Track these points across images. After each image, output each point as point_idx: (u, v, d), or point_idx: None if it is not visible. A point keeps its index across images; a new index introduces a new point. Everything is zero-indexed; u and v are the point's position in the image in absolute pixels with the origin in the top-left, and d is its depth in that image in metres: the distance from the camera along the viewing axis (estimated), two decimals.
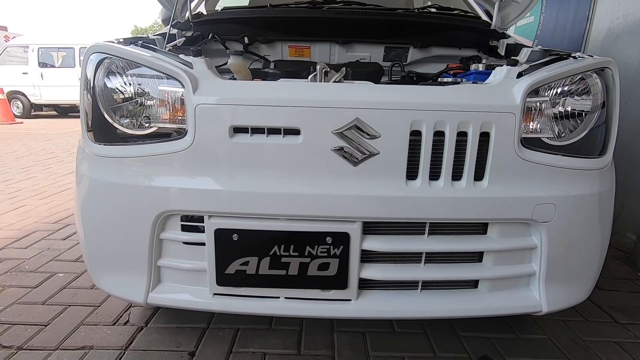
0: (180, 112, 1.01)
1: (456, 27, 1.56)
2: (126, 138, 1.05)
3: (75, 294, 1.56)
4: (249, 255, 1.03)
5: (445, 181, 0.99)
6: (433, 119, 0.95)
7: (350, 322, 1.40)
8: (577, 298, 1.16)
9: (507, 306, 1.10)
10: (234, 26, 1.51)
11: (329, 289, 1.06)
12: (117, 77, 1.04)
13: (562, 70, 1.02)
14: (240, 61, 1.24)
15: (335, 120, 0.95)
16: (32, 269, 1.77)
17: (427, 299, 1.09)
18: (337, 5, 1.61)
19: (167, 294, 1.09)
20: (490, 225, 1.06)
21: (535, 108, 1.02)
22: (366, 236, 1.03)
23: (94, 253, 1.13)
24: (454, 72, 1.34)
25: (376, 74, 1.38)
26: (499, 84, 1.03)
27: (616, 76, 1.05)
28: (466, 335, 1.35)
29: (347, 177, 0.98)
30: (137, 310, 1.46)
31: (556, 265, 1.08)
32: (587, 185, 1.06)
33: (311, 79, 1.07)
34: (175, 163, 1.00)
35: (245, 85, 1.02)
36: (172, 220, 1.05)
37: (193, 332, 1.34)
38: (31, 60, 9.17)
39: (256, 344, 1.29)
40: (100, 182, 1.06)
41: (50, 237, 2.14)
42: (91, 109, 1.05)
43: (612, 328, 1.44)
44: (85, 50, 1.06)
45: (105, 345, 1.27)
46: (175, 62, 1.02)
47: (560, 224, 1.04)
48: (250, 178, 0.98)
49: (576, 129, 1.05)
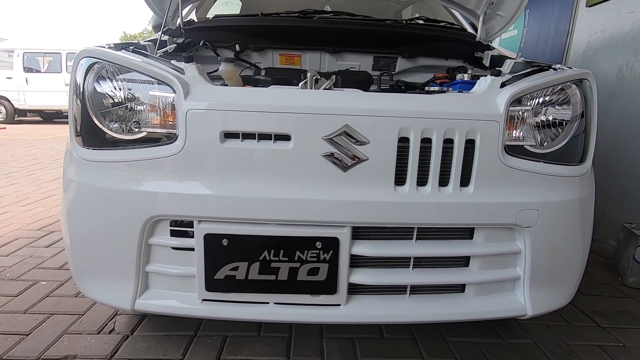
0: (171, 117, 1.01)
1: (443, 39, 1.60)
2: (115, 143, 1.04)
3: (58, 302, 1.53)
4: (238, 260, 1.02)
5: (433, 187, 1.02)
6: (420, 126, 0.98)
7: (339, 328, 1.40)
8: (560, 302, 1.19)
9: (493, 310, 1.12)
10: (226, 34, 1.52)
11: (318, 294, 1.06)
12: (107, 82, 1.04)
13: (543, 81, 1.07)
14: (231, 68, 1.25)
15: (325, 127, 0.96)
16: (14, 276, 1.73)
17: (416, 304, 1.10)
18: (328, 15, 1.65)
19: (154, 300, 1.08)
20: (476, 230, 1.09)
21: (518, 117, 1.06)
22: (355, 241, 1.05)
23: (80, 259, 1.12)
24: (440, 82, 1.38)
25: (365, 82, 1.41)
26: (484, 93, 1.06)
27: (594, 87, 1.10)
28: (454, 341, 1.37)
29: (336, 183, 0.99)
30: (123, 318, 1.43)
31: (540, 270, 1.11)
32: (568, 192, 1.10)
33: (302, 86, 1.09)
34: (166, 168, 1.00)
35: (236, 91, 1.04)
36: (161, 225, 1.04)
37: (180, 339, 1.32)
38: (16, 65, 9.02)
39: (245, 351, 1.28)
40: (88, 186, 1.04)
41: (33, 245, 2.08)
42: (80, 113, 1.04)
43: (594, 332, 1.48)
44: (76, 54, 1.05)
45: (90, 354, 1.24)
46: (166, 67, 1.03)
47: (543, 229, 1.07)
48: (240, 183, 0.99)
49: (557, 138, 1.09)
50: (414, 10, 2.41)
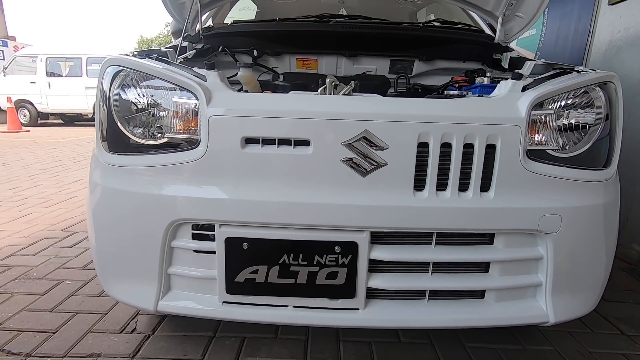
0: (193, 123, 1.04)
1: (460, 41, 1.59)
2: (139, 148, 1.08)
3: (82, 302, 1.58)
4: (258, 263, 1.04)
5: (452, 192, 1.01)
6: (440, 131, 0.97)
7: (356, 332, 1.40)
8: (583, 309, 1.16)
9: (514, 317, 1.11)
10: (244, 39, 1.54)
11: (336, 298, 1.07)
12: (131, 89, 1.07)
13: (566, 84, 1.05)
14: (249, 73, 1.27)
15: (345, 132, 0.97)
16: (40, 276, 1.79)
17: (434, 309, 1.10)
18: (344, 19, 1.65)
19: (176, 301, 1.10)
20: (497, 236, 1.07)
21: (540, 121, 1.04)
22: (374, 246, 1.05)
23: (105, 260, 1.15)
24: (459, 85, 1.37)
25: (383, 86, 1.41)
26: (505, 97, 1.05)
27: (619, 90, 1.07)
28: (472, 346, 1.35)
29: (355, 188, 1.00)
30: (144, 318, 1.47)
31: (562, 276, 1.09)
32: (592, 197, 1.07)
33: (321, 91, 1.10)
34: (188, 172, 1.02)
35: (257, 98, 1.05)
36: (183, 228, 1.06)
37: (200, 340, 1.35)
38: (39, 70, 9.33)
39: (262, 353, 1.29)
40: (114, 190, 1.08)
41: (58, 245, 2.16)
42: (106, 119, 1.08)
43: (618, 340, 1.44)
44: (102, 63, 1.09)
45: (113, 352, 1.28)
46: (189, 74, 1.06)
47: (566, 235, 1.05)
48: (260, 188, 1.00)
49: (580, 141, 1.07)
50: (429, 12, 2.39)
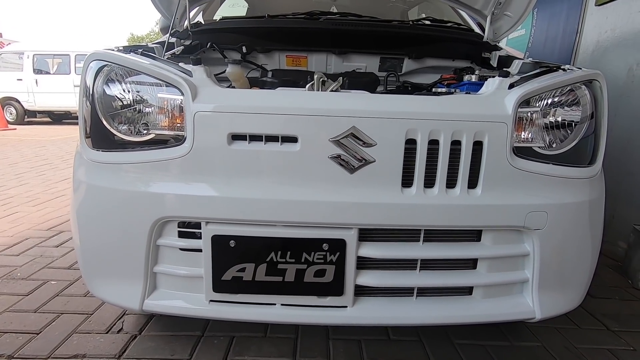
0: (179, 120, 1.02)
1: (450, 39, 1.60)
2: (124, 144, 1.06)
3: (68, 302, 1.55)
4: (245, 261, 1.03)
5: (440, 189, 1.01)
6: (428, 127, 0.97)
7: (345, 330, 1.40)
8: (569, 305, 1.17)
9: (501, 313, 1.11)
10: (233, 36, 1.53)
11: (325, 296, 1.07)
12: (116, 85, 1.05)
13: (552, 82, 1.06)
14: (238, 70, 1.26)
15: (332, 129, 0.96)
16: (24, 276, 1.75)
17: (423, 306, 1.10)
18: (334, 16, 1.65)
19: (162, 300, 1.09)
20: (484, 233, 1.08)
21: (527, 118, 1.05)
22: (362, 243, 1.04)
23: (89, 259, 1.13)
24: (447, 83, 1.37)
25: (372, 83, 1.41)
26: (492, 94, 1.05)
27: (604, 88, 1.09)
28: (461, 343, 1.36)
29: (343, 184, 0.99)
30: (131, 318, 1.45)
31: (549, 272, 1.10)
32: (577, 194, 1.09)
33: (309, 87, 1.09)
34: (174, 169, 1.01)
35: (244, 94, 1.04)
36: (169, 226, 1.05)
37: (188, 340, 1.33)
38: (26, 67, 9.15)
39: (251, 352, 1.28)
40: (98, 187, 1.06)
41: (43, 244, 2.11)
42: (90, 115, 1.05)
43: (604, 335, 1.46)
44: (85, 57, 1.07)
45: (98, 353, 1.26)
46: (175, 70, 1.04)
47: (552, 232, 1.06)
48: (247, 185, 0.99)
49: (566, 139, 1.08)
50: (420, 11, 2.40)
